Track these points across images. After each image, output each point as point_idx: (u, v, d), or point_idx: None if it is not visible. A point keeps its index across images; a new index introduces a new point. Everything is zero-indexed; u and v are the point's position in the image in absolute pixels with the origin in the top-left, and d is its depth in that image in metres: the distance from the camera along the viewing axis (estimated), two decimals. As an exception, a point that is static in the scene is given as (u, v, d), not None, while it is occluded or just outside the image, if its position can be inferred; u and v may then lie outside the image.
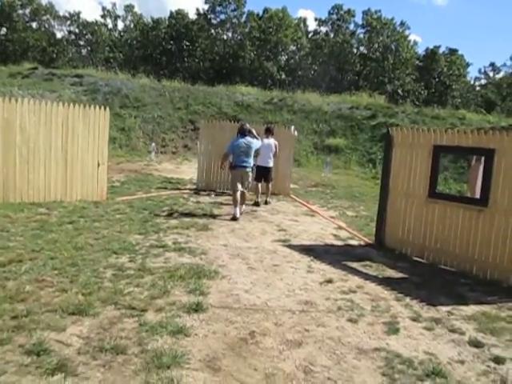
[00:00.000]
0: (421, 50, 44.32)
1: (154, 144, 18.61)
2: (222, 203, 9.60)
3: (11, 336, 3.12)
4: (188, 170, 15.21)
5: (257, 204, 9.61)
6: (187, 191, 10.97)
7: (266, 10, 39.75)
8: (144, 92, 23.34)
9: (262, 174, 9.87)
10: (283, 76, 36.86)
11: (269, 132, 10.11)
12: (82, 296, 3.91)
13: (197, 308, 3.85)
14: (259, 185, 9.84)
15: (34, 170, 7.95)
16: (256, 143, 8.62)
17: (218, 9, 39.84)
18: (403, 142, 6.57)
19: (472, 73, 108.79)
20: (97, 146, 8.63)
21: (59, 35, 40.97)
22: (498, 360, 3.37)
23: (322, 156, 20.82)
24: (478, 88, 48.02)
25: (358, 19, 42.11)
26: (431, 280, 5.38)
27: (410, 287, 5.02)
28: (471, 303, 4.62)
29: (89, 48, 40.80)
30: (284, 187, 11.65)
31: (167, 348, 3.13)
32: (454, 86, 40.83)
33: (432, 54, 41.09)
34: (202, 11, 40.24)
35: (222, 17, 40.09)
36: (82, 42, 41.83)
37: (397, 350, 3.40)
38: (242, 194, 8.50)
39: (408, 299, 4.59)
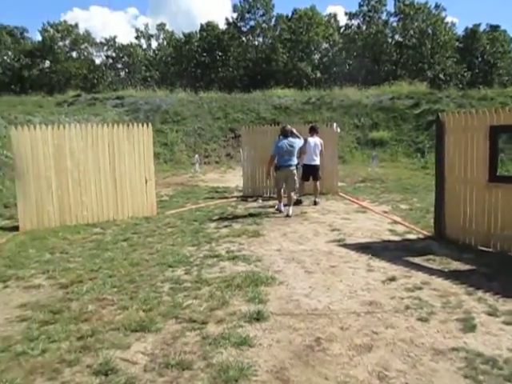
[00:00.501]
0: (460, 31, 42.56)
1: (197, 156, 18.85)
2: (270, 208, 9.51)
3: (79, 357, 3.15)
4: (233, 178, 15.27)
5: (299, 202, 9.69)
6: (234, 199, 10.96)
7: (295, 11, 39.60)
8: (182, 106, 23.76)
9: (310, 172, 9.87)
10: (318, 74, 36.46)
11: (313, 131, 10.07)
12: (143, 312, 3.91)
13: (258, 317, 3.76)
14: (305, 183, 9.93)
15: (86, 192, 8.20)
16: (299, 142, 8.82)
17: (247, 16, 40.09)
18: (456, 127, 6.22)
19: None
20: (143, 162, 8.78)
21: (98, 61, 42.67)
22: None
23: (367, 150, 20.32)
24: (525, 63, 45.42)
25: (390, 7, 41.13)
26: (502, 270, 5.01)
27: (481, 279, 4.70)
28: (551, 292, 4.25)
29: (126, 70, 42.15)
30: (332, 185, 11.40)
31: (233, 360, 3.04)
32: (499, 64, 38.83)
33: (472, 33, 39.37)
34: (231, 20, 40.67)
35: (252, 23, 40.29)
36: (119, 65, 43.26)
37: (477, 349, 3.15)
38: (288, 193, 8.74)
39: (480, 292, 4.28)
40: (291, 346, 3.29)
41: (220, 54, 39.35)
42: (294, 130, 9.03)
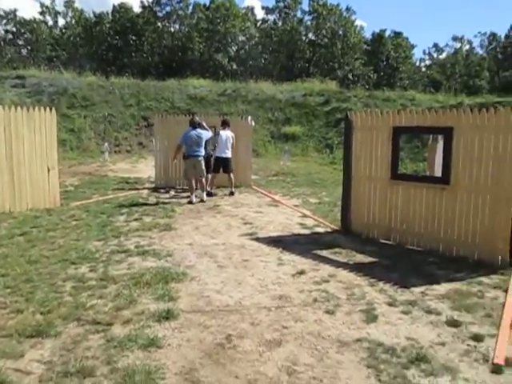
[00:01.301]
0: (367, 35, 45.11)
1: (106, 144, 17.92)
2: (182, 200, 9.33)
3: (-39, 369, 2.80)
4: (145, 169, 14.76)
5: (211, 194, 9.90)
6: (146, 190, 10.60)
7: (212, 1, 39.13)
8: (92, 90, 22.42)
9: (221, 164, 10.02)
10: (234, 66, 36.50)
11: (225, 124, 10.25)
12: (41, 315, 3.59)
13: (167, 315, 3.63)
14: (216, 175, 10.14)
15: (-24, 181, 7.38)
16: (206, 134, 9.31)
17: (163, 1, 38.85)
18: (363, 126, 6.54)
19: (417, 54, 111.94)
20: (44, 150, 8.11)
21: (-5, 35, 38.71)
22: (477, 338, 3.37)
23: (280, 144, 20.81)
24: (423, 69, 49.54)
25: (305, 6, 42.40)
26: (400, 261, 5.38)
27: (382, 271, 5.00)
28: (442, 281, 4.64)
29: (29, 47, 38.76)
30: (245, 178, 11.49)
31: (139, 364, 2.90)
32: (401, 68, 41.86)
33: (379, 37, 41.91)
34: (146, 3, 39.13)
35: (168, 9, 39.14)
36: (21, 42, 39.66)
37: (378, 339, 3.33)
38: (200, 181, 9.24)
39: (381, 284, 4.55)
40: (201, 345, 3.22)
41: (134, 38, 37.71)
42: (204, 123, 9.52)
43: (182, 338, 3.32)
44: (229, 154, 10.03)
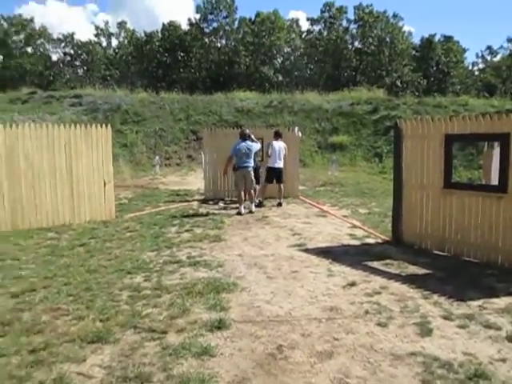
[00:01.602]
0: (416, 40, 44.06)
1: (157, 157, 18.51)
2: (231, 211, 9.47)
3: (30, 372, 2.99)
4: (194, 181, 15.12)
5: (261, 204, 10.06)
6: (196, 202, 10.85)
7: (258, 15, 39.76)
8: (143, 106, 23.32)
9: (274, 174, 10.11)
10: (280, 78, 36.75)
11: (277, 135, 10.42)
12: (100, 322, 3.77)
13: (219, 325, 3.70)
14: (267, 186, 10.22)
15: (40, 195, 7.86)
16: (255, 146, 9.49)
17: (210, 17, 39.92)
18: (413, 134, 6.40)
19: (469, 58, 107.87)
20: (101, 164, 8.53)
21: (55, 58, 41.23)
22: (541, 355, 3.19)
23: (327, 154, 20.69)
24: (476, 73, 47.66)
25: (350, 15, 42.11)
26: (456, 273, 5.19)
27: (436, 283, 4.84)
28: (502, 295, 4.43)
29: (85, 68, 40.96)
30: (293, 189, 11.51)
31: (193, 372, 2.98)
32: (452, 73, 40.53)
33: (428, 42, 40.85)
34: (193, 21, 40.34)
35: (215, 25, 40.15)
36: (77, 63, 41.98)
37: (433, 353, 3.23)
38: (249, 192, 9.39)
39: (436, 296, 4.41)
40: (253, 355, 3.26)
41: (182, 54, 38.92)
42: (253, 136, 9.68)
43: (234, 347, 3.37)
44: (281, 164, 10.14)
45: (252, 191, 9.44)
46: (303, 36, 42.65)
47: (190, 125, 22.45)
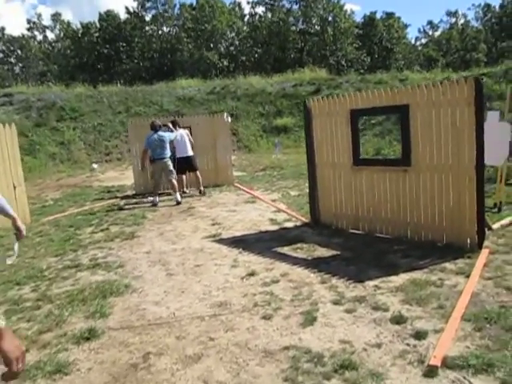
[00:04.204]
0: (360, 19, 44.32)
1: (95, 165, 17.24)
2: (157, 204, 9.08)
3: None
4: (132, 175, 14.55)
5: (183, 193, 10.03)
6: (125, 198, 10.37)
7: (198, 0, 38.79)
8: (80, 101, 22.32)
9: (185, 164, 9.87)
10: (225, 63, 36.15)
11: (175, 124, 10.07)
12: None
13: (89, 335, 3.38)
14: (183, 176, 10.12)
15: None
16: (168, 135, 9.27)
17: (148, 4, 38.62)
18: (321, 112, 6.21)
19: (412, 33, 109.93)
20: (8, 167, 7.93)
21: (-14, 55, 38.87)
22: (420, 335, 3.05)
23: (272, 138, 20.52)
24: (420, 48, 48.60)
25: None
26: (363, 252, 5.06)
27: (340, 264, 4.69)
28: (402, 271, 4.31)
29: (20, 64, 38.85)
30: (226, 176, 11.22)
31: (34, 396, 2.65)
32: (395, 49, 41.08)
33: (370, 20, 41.19)
34: (131, 10, 38.92)
35: (154, 12, 38.92)
36: (12, 60, 39.76)
37: (308, 345, 3.03)
38: (170, 182, 9.28)
39: (334, 279, 4.24)
40: (113, 367, 2.95)
41: (123, 44, 37.53)
42: (170, 124, 9.70)
43: (96, 360, 3.06)
44: (189, 152, 9.88)
45: (173, 180, 9.24)
46: (246, 19, 42.05)
47: (130, 117, 21.44)
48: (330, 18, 39.02)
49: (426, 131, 5.05)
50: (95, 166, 17.11)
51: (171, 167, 9.21)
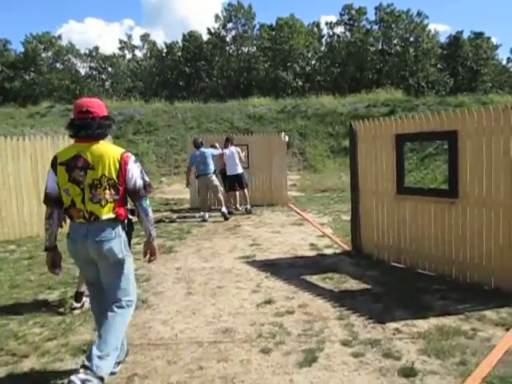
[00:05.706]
0: (445, 39, 42.37)
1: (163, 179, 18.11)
2: (207, 220, 9.15)
3: None
4: (192, 190, 14.93)
5: (236, 209, 10.18)
6: (179, 212, 10.59)
7: (277, 21, 39.50)
8: (157, 116, 23.49)
9: (234, 181, 9.96)
10: (300, 83, 36.22)
11: (228, 141, 10.18)
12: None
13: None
14: (236, 193, 10.22)
15: (5, 207, 7.86)
16: (210, 151, 9.43)
17: (229, 26, 40.02)
18: (366, 136, 5.89)
19: (504, 54, 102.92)
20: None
21: (83, 72, 42.45)
22: (426, 393, 2.67)
23: (340, 159, 20.07)
24: (511, 69, 45.34)
25: (371, 16, 41.17)
26: (397, 289, 4.63)
27: (367, 301, 4.33)
28: (432, 315, 3.87)
29: (110, 81, 41.94)
30: (281, 196, 11.10)
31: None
32: (482, 71, 38.66)
33: (455, 40, 39.23)
34: (213, 30, 40.56)
35: (234, 33, 40.21)
36: (104, 76, 43.05)
37: (297, 389, 2.77)
38: (216, 197, 9.47)
39: (354, 317, 3.90)
40: (96, 387, 2.90)
41: (203, 63, 39.13)
42: (217, 144, 10.08)
43: (83, 376, 3.03)
44: (239, 170, 9.92)
45: (219, 195, 9.38)
46: (324, 39, 41.96)
47: (202, 133, 22.32)
48: (411, 38, 37.76)
49: (475, 160, 4.56)
50: (163, 179, 17.84)
51: (215, 182, 9.34)
